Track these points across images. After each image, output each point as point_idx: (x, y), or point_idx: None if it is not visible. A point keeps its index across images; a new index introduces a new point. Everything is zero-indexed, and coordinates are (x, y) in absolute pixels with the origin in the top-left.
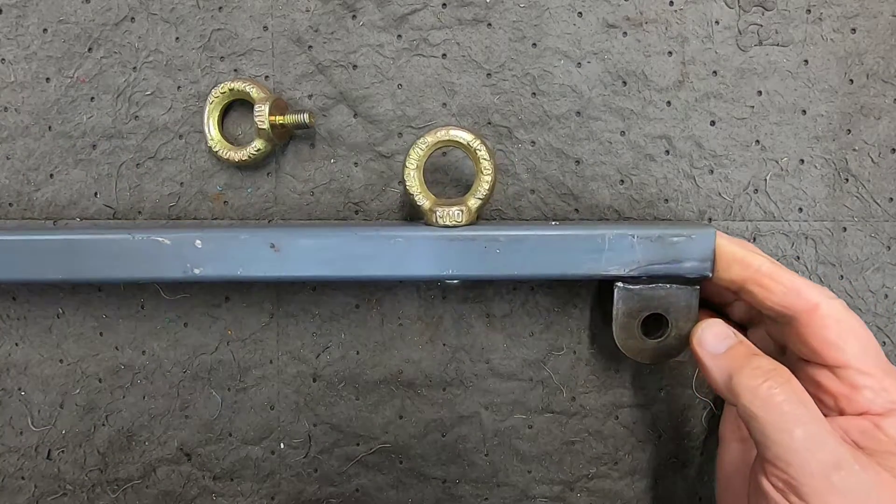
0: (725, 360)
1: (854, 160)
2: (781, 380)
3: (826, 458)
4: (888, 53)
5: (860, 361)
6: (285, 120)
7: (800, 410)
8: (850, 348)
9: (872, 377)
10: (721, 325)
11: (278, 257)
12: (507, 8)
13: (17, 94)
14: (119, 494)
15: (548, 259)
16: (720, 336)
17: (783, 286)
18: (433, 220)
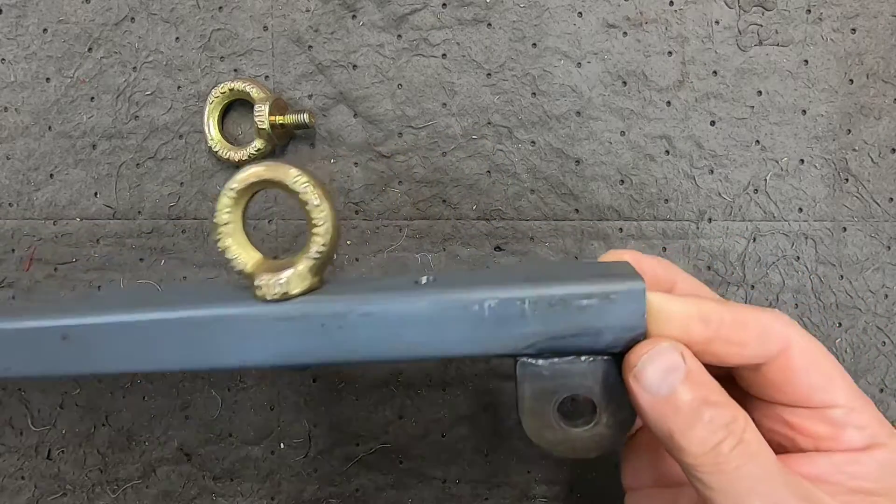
0: (670, 407)
1: (854, 160)
2: (736, 439)
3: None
4: (888, 53)
5: (848, 398)
6: (285, 120)
7: (756, 475)
8: (838, 387)
9: (856, 412)
10: (669, 353)
11: (70, 350)
12: (507, 8)
13: (17, 94)
14: (119, 494)
15: (407, 337)
16: (667, 370)
17: (753, 332)
18: (254, 291)
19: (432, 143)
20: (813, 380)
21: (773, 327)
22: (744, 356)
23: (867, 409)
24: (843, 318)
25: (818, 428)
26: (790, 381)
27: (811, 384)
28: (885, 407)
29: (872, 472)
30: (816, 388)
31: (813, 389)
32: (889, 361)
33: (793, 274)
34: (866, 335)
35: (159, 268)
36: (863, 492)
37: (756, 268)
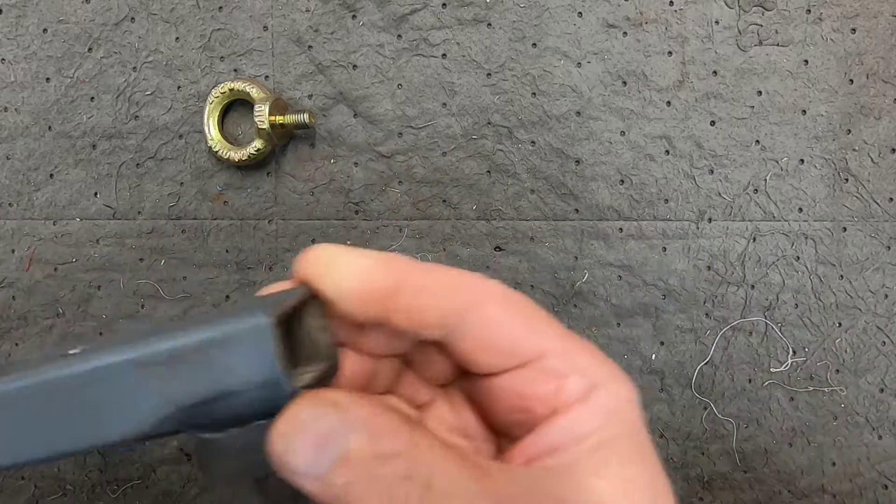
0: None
1: (854, 160)
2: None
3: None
4: (888, 53)
5: (558, 342)
6: (285, 120)
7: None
8: (543, 332)
9: (571, 355)
10: (316, 416)
11: None
12: (507, 8)
13: (17, 94)
14: (119, 494)
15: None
16: (319, 441)
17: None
18: None
19: (432, 143)
20: (516, 329)
21: (461, 279)
22: (435, 308)
23: (583, 351)
24: (843, 318)
25: (542, 388)
26: (495, 335)
27: (515, 334)
28: (885, 407)
29: (595, 424)
30: (521, 337)
31: (518, 339)
32: (889, 361)
33: (793, 274)
34: (866, 335)
35: (159, 268)
36: (594, 453)
37: (756, 268)
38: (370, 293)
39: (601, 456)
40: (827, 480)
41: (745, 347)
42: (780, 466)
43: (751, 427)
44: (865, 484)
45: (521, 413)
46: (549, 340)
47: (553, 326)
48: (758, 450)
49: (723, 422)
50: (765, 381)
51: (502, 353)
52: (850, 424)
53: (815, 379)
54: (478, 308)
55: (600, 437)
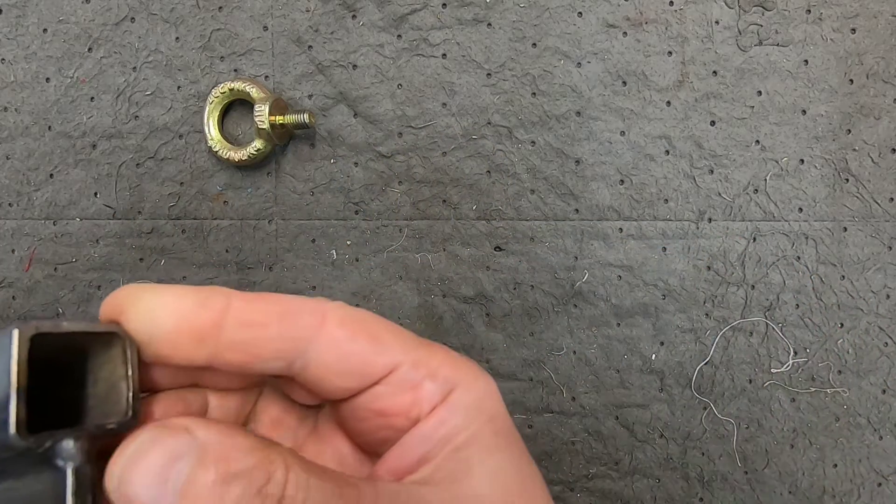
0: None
1: (854, 160)
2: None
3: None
4: (888, 53)
5: (405, 351)
6: (285, 120)
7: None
8: (389, 344)
9: (422, 362)
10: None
11: None
12: (507, 8)
13: (17, 94)
14: None
15: None
16: (162, 469)
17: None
18: None
19: (432, 143)
20: (361, 347)
21: (300, 303)
22: (267, 339)
23: (433, 355)
24: (844, 318)
25: (399, 400)
26: (340, 358)
27: (361, 353)
28: (887, 408)
29: (459, 421)
30: (368, 354)
31: (365, 358)
32: (891, 362)
33: (793, 274)
34: (868, 336)
35: (159, 268)
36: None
37: (756, 268)
38: (186, 332)
39: (466, 454)
40: (828, 482)
41: (745, 348)
42: (781, 467)
43: (751, 428)
44: (864, 484)
45: (387, 430)
46: (399, 353)
47: (401, 337)
48: (759, 450)
49: (723, 422)
50: (765, 381)
51: (352, 374)
52: (851, 426)
53: (816, 380)
54: (317, 333)
55: (464, 435)
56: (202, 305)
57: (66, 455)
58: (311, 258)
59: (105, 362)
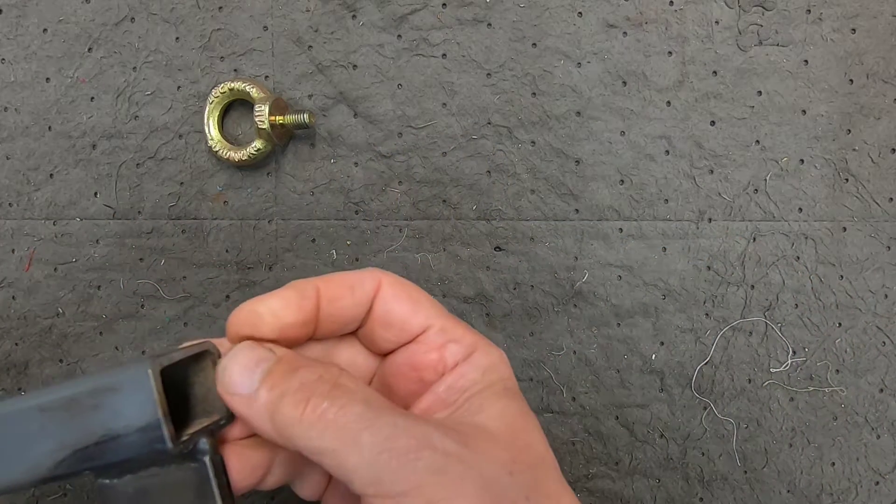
0: (263, 393)
1: (854, 160)
2: (328, 388)
3: (406, 445)
4: (888, 53)
5: (437, 318)
6: (285, 120)
7: (359, 413)
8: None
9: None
10: (250, 348)
11: None
12: (507, 8)
13: (17, 94)
14: None
15: None
16: (250, 365)
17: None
18: None
19: (432, 143)
20: (404, 308)
21: (361, 276)
22: (347, 307)
23: (458, 325)
24: (843, 318)
25: (429, 356)
26: (389, 316)
27: (403, 313)
28: (885, 407)
29: (476, 376)
30: (408, 314)
31: (406, 317)
32: (889, 362)
33: (793, 274)
34: (866, 335)
35: (159, 268)
36: (475, 396)
37: (756, 268)
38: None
39: (480, 400)
40: (826, 480)
41: (744, 347)
42: (780, 466)
43: (751, 427)
44: (862, 482)
45: (417, 383)
46: (431, 317)
47: (435, 306)
48: (758, 450)
49: (723, 422)
50: (765, 381)
51: (394, 328)
52: (849, 424)
53: (814, 379)
54: (379, 298)
55: (479, 386)
56: (302, 296)
57: (202, 450)
58: (311, 258)
59: (199, 371)
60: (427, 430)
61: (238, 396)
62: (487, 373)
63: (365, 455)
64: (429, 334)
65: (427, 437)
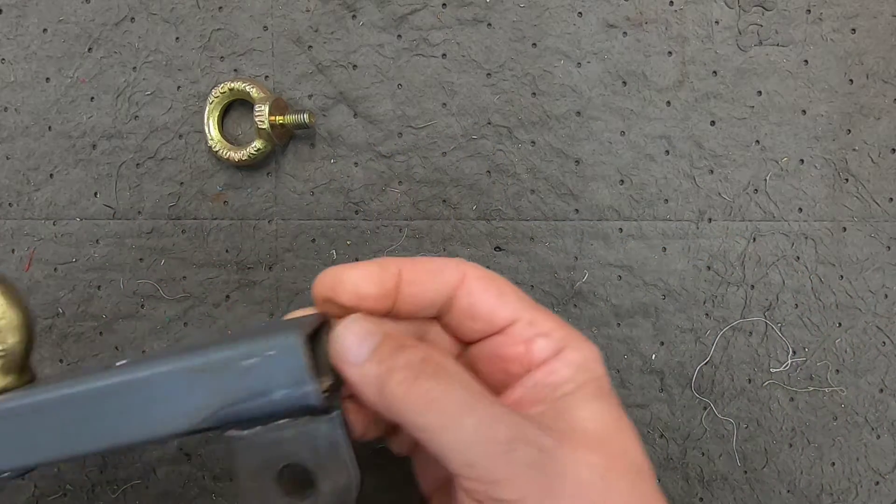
0: (373, 366)
1: (854, 160)
2: (433, 370)
3: (503, 436)
4: (888, 53)
5: (525, 311)
6: (285, 120)
7: (461, 397)
8: (513, 303)
9: (538, 322)
10: (362, 320)
11: None
12: (507, 8)
13: (17, 94)
14: (119, 494)
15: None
16: (362, 335)
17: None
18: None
19: (432, 143)
20: (490, 300)
21: (445, 264)
22: (427, 292)
23: (548, 318)
24: (843, 318)
25: (515, 350)
26: (475, 308)
27: (489, 305)
28: (884, 407)
29: (568, 374)
30: (495, 307)
31: (492, 310)
32: (889, 362)
33: (793, 274)
34: (866, 335)
35: (159, 268)
36: (567, 396)
37: (756, 268)
38: (380, 293)
39: (571, 400)
40: (826, 480)
41: (744, 347)
42: (780, 466)
43: (751, 427)
44: (862, 482)
45: (503, 374)
46: (518, 310)
47: (523, 300)
48: (758, 450)
49: (723, 422)
50: (765, 381)
51: (481, 319)
52: (849, 424)
53: (814, 379)
54: (459, 286)
55: (571, 385)
56: (384, 272)
57: (336, 406)
58: (311, 258)
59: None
60: (523, 423)
61: (349, 365)
62: (580, 371)
63: (464, 438)
64: (516, 327)
65: (523, 430)
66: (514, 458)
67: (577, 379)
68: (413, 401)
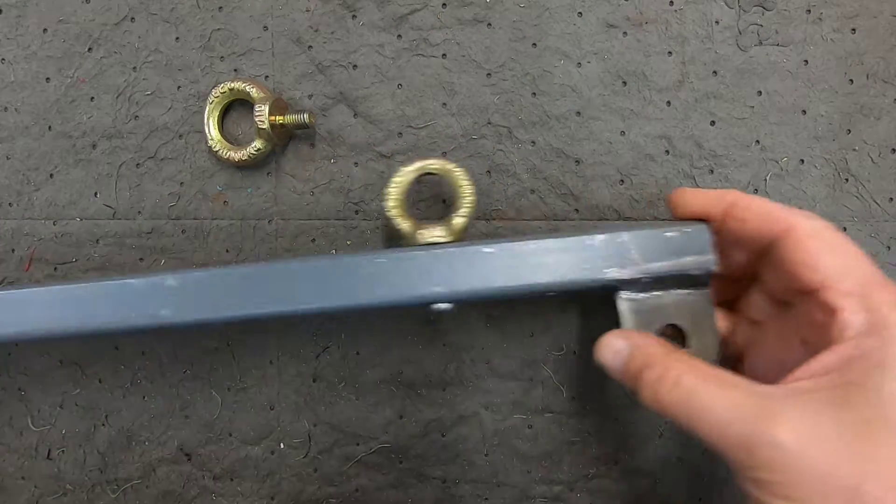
0: (627, 375)
1: (854, 160)
2: (672, 378)
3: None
4: (888, 53)
5: (837, 280)
6: (285, 120)
7: (708, 390)
8: (825, 266)
9: (852, 296)
10: (613, 336)
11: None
12: (507, 8)
13: (17, 94)
14: (119, 494)
15: (541, 268)
16: (613, 350)
17: (754, 211)
18: (417, 239)
19: (432, 143)
20: (804, 258)
21: (776, 210)
22: (747, 230)
23: (882, 292)
24: None
25: (818, 316)
26: (786, 261)
27: (802, 263)
28: None
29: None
30: (806, 266)
31: (802, 268)
32: None
33: None
34: None
35: (159, 268)
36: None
37: None
38: (717, 206)
39: (878, 375)
40: None
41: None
42: None
43: None
44: None
45: (798, 347)
46: (837, 278)
47: (861, 267)
48: None
49: None
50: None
51: (790, 278)
52: None
53: None
54: (785, 236)
55: (880, 356)
56: (721, 200)
57: (708, 284)
58: None
59: None
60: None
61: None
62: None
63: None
64: (838, 299)
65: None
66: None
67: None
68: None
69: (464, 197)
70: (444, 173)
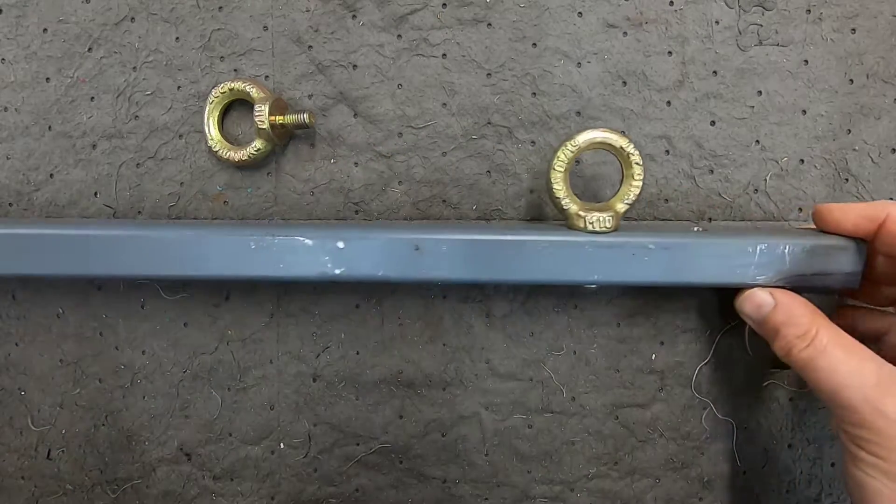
0: (766, 327)
1: (854, 160)
2: (807, 342)
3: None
4: (888, 53)
5: None
6: (285, 120)
7: (837, 355)
8: None
9: None
10: (759, 290)
11: (421, 259)
12: (507, 8)
13: (17, 94)
14: (119, 494)
15: (695, 267)
16: (756, 303)
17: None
18: (582, 225)
19: (432, 143)
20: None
21: (874, 204)
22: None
23: None
24: None
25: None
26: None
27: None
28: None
29: None
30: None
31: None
32: None
33: None
34: None
35: None
36: None
37: None
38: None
39: None
40: (826, 480)
41: (744, 347)
42: (780, 466)
43: (750, 427)
44: None
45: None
46: None
47: None
48: (757, 450)
49: (723, 422)
50: (764, 381)
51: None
52: None
53: None
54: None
55: None
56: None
57: None
58: None
59: None
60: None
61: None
62: None
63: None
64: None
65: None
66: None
67: None
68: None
69: (633, 180)
70: (615, 151)
